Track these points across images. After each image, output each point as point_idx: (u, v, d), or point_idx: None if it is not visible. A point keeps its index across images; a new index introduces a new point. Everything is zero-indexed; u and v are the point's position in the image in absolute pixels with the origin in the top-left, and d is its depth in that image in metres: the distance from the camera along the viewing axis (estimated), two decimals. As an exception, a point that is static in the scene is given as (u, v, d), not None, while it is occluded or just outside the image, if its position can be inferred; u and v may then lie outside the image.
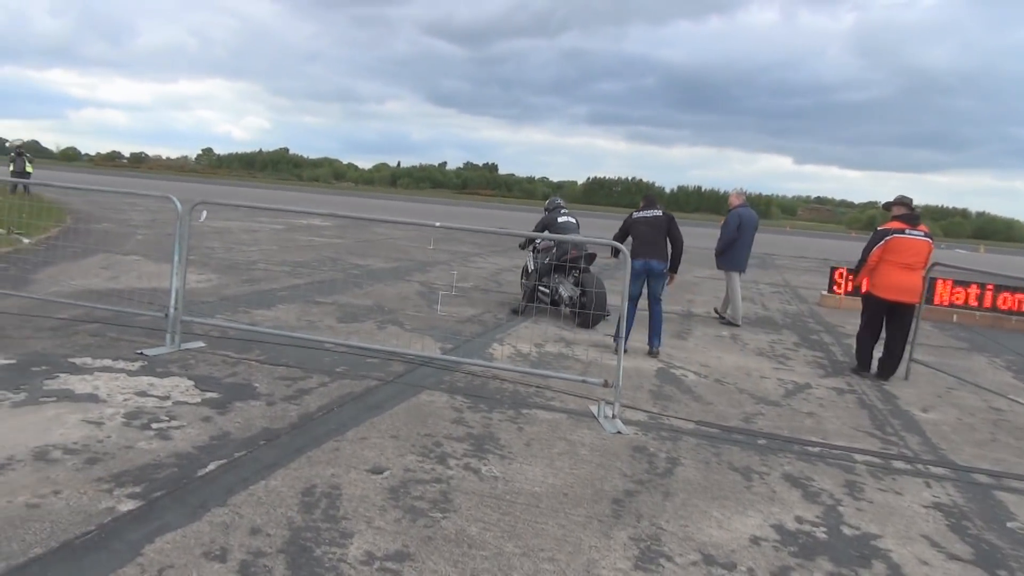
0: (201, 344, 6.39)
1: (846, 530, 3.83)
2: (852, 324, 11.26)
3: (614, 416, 5.28)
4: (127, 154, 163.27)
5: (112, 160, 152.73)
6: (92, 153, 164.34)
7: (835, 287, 13.54)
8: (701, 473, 4.43)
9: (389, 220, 6.46)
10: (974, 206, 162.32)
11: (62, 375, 5.18)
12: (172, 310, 6.20)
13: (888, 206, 7.95)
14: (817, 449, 5.15)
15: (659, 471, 4.40)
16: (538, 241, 10.73)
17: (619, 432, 5.03)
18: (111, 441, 4.04)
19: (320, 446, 4.27)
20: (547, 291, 9.77)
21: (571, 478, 4.15)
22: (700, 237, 24.81)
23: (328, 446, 4.28)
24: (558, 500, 3.83)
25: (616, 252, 6.12)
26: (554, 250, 9.53)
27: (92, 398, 4.75)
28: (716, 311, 10.96)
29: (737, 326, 10.28)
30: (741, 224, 10.40)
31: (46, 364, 5.40)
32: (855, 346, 8.07)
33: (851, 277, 12.03)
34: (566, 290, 9.47)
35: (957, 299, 12.76)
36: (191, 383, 5.28)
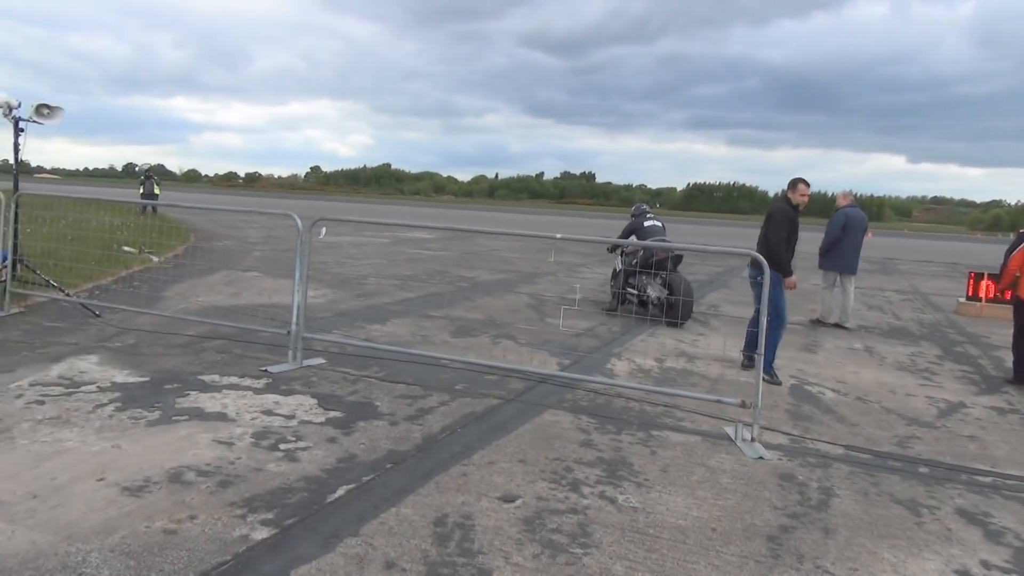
0: (321, 361, 6.40)
1: (1045, 578, 3.33)
2: (1000, 334, 10.32)
3: (753, 439, 4.90)
4: (242, 174, 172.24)
5: (229, 180, 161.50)
6: (211, 174, 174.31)
7: (976, 294, 12.47)
8: (861, 506, 4.00)
9: (509, 233, 6.29)
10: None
11: (192, 393, 5.26)
12: (294, 327, 6.24)
13: None
14: (989, 479, 4.59)
15: (813, 503, 4.00)
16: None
17: (761, 457, 4.65)
18: (242, 463, 4.01)
19: (447, 470, 4.10)
20: (635, 291, 10.04)
21: (717, 510, 3.81)
22: (807, 242, 23.65)
23: (455, 471, 4.11)
24: (706, 535, 3.50)
25: (756, 263, 5.67)
26: (641, 252, 9.80)
27: (221, 417, 4.77)
28: (820, 319, 10.50)
29: (848, 328, 10.13)
30: (847, 223, 10.27)
31: (177, 382, 5.51)
32: (1012, 356, 7.44)
33: (995, 283, 11.16)
34: (654, 290, 9.70)
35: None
36: (314, 401, 5.25)
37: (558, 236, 6.00)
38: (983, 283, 12.20)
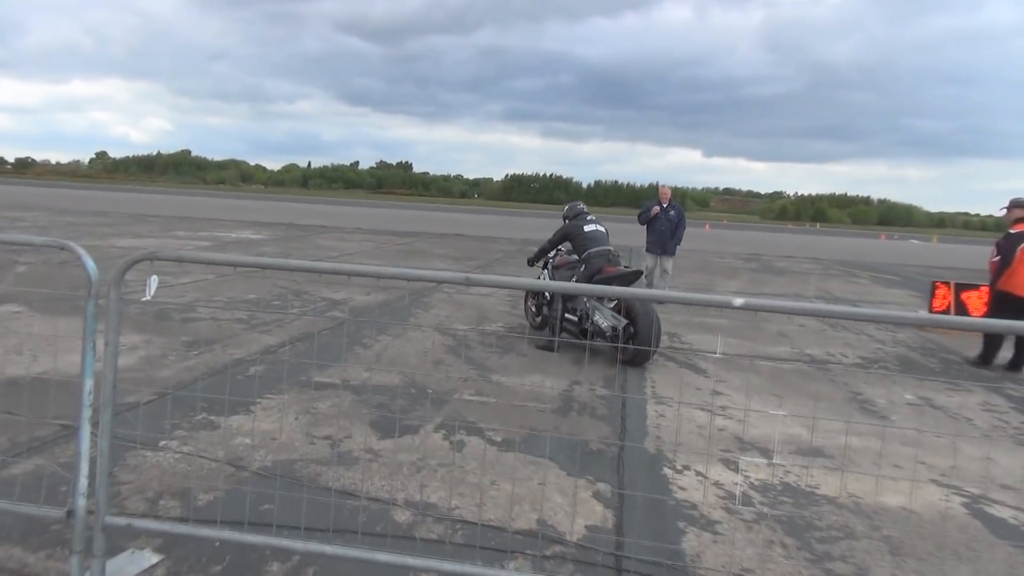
0: (152, 559, 2.97)
1: None
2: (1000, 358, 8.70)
3: None
4: (11, 159, 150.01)
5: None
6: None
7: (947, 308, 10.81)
8: None
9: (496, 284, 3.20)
10: (870, 193, 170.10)
11: None
12: (80, 501, 2.75)
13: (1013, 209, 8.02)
14: None
15: None
16: (552, 255, 8.29)
17: None
18: None
19: None
20: (575, 320, 7.44)
21: None
22: (625, 234, 22.22)
23: None
24: None
25: None
26: (582, 268, 7.38)
27: None
28: None
29: None
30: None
31: None
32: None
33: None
34: (606, 319, 7.07)
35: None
36: None
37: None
38: (961, 295, 10.58)
